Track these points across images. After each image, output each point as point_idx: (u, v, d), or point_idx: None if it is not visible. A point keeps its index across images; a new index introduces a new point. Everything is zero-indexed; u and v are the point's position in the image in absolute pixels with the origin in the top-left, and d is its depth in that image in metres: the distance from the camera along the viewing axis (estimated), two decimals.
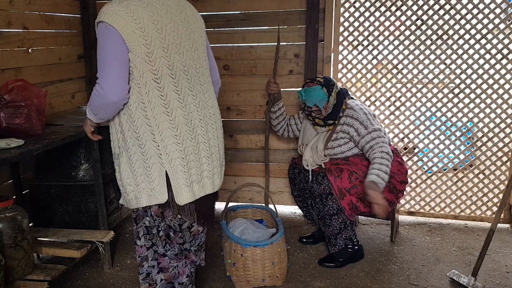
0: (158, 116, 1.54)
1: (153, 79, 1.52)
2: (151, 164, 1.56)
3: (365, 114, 2.51)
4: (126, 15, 1.46)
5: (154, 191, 1.58)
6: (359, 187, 2.45)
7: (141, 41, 1.49)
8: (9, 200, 2.10)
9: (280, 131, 2.91)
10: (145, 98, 1.53)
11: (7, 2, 2.52)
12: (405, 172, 2.62)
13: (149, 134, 1.54)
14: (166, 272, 1.72)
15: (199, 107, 1.64)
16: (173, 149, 1.56)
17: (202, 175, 1.65)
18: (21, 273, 2.11)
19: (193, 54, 1.64)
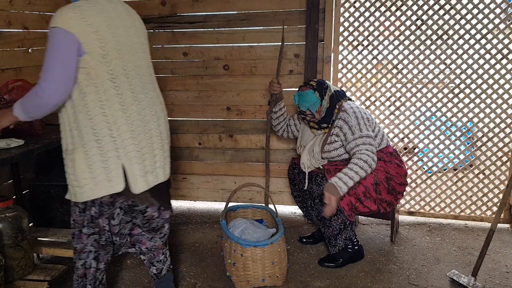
0: (115, 113, 1.65)
1: (109, 79, 1.63)
2: (108, 158, 1.66)
3: (357, 119, 2.49)
4: (81, 20, 1.55)
5: (111, 182, 1.69)
6: (358, 188, 2.45)
7: (97, 44, 1.58)
8: (9, 200, 2.10)
9: (280, 132, 2.91)
10: (102, 96, 1.63)
11: (7, 2, 2.52)
12: (404, 174, 2.62)
13: (107, 130, 1.65)
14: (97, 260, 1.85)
15: (151, 104, 1.79)
16: (129, 143, 1.69)
17: (155, 165, 1.80)
18: (21, 273, 2.12)
19: (142, 55, 1.78)
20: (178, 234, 3.05)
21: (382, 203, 2.53)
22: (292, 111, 3.08)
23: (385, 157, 2.57)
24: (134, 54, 1.73)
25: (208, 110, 3.33)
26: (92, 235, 1.80)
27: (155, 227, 1.94)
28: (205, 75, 3.26)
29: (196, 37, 3.20)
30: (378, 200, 2.50)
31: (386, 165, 2.55)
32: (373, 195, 2.48)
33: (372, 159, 2.41)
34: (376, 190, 2.48)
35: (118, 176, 1.68)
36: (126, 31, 1.70)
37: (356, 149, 2.44)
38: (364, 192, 2.46)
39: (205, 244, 2.89)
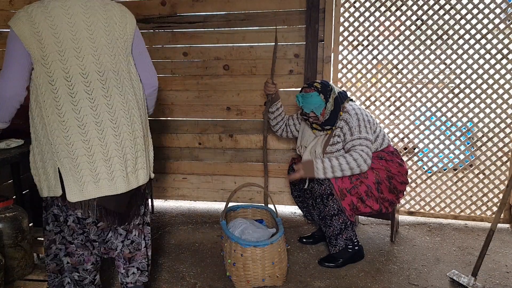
0: (51, 116, 1.63)
1: (48, 81, 1.61)
2: (47, 160, 1.68)
3: (358, 120, 2.48)
4: (26, 21, 1.58)
5: (51, 184, 1.69)
6: (360, 187, 2.45)
7: (37, 44, 1.59)
8: (9, 200, 2.10)
9: (279, 132, 2.91)
10: (41, 98, 1.63)
11: (7, 2, 2.52)
12: (405, 172, 2.62)
13: (45, 132, 1.65)
14: (72, 257, 1.84)
15: (96, 111, 1.66)
16: (63, 149, 1.64)
17: (98, 176, 1.68)
18: (21, 273, 2.12)
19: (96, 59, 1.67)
20: (178, 234, 3.05)
21: (384, 202, 2.53)
22: (292, 111, 3.08)
23: (387, 156, 2.57)
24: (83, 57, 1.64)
25: (208, 110, 3.33)
26: (59, 233, 1.81)
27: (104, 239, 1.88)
28: (205, 75, 3.26)
29: (196, 37, 3.20)
30: (380, 199, 2.50)
31: (387, 164, 2.55)
32: (375, 194, 2.48)
33: (363, 160, 2.40)
34: (378, 189, 2.49)
35: (56, 179, 1.67)
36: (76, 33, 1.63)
37: (351, 149, 2.45)
38: (366, 191, 2.46)
39: (205, 244, 2.89)
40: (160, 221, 3.28)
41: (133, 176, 1.78)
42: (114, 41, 1.71)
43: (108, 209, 1.74)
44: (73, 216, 1.78)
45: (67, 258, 1.84)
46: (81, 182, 1.65)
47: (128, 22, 1.77)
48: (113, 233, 1.89)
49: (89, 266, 1.87)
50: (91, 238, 1.83)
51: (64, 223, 1.79)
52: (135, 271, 1.97)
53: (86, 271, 1.86)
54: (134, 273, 1.97)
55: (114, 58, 1.71)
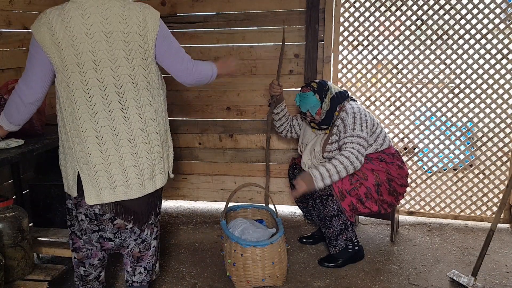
0: (71, 124, 1.68)
1: (68, 91, 1.64)
2: (68, 162, 1.75)
3: (354, 119, 2.47)
4: (48, 29, 1.57)
5: (69, 183, 1.78)
6: (359, 189, 2.45)
7: (58, 55, 1.60)
8: (9, 200, 2.10)
9: (283, 132, 2.91)
10: (62, 106, 1.68)
11: (7, 2, 2.52)
12: (405, 175, 2.61)
13: (66, 137, 1.71)
14: (79, 252, 1.89)
15: (113, 123, 1.68)
16: (82, 156, 1.69)
17: (114, 184, 1.73)
18: (21, 273, 2.12)
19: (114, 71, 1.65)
20: (178, 234, 3.05)
21: (383, 204, 2.53)
22: (293, 111, 3.08)
23: (387, 158, 2.56)
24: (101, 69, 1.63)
25: (208, 110, 3.33)
26: (70, 227, 1.87)
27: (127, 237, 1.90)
28: None
29: (196, 37, 3.20)
30: (379, 201, 2.50)
31: (388, 166, 2.54)
32: (375, 196, 2.48)
33: (355, 157, 2.38)
34: (378, 191, 2.48)
35: (74, 181, 1.74)
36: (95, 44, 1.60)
37: (344, 146, 2.44)
38: (365, 193, 2.46)
39: (205, 244, 2.89)
40: (160, 221, 3.27)
41: (150, 182, 1.82)
42: (133, 52, 1.68)
43: (126, 207, 1.80)
44: (83, 215, 1.81)
45: (74, 253, 1.89)
46: (98, 187, 1.72)
47: (150, 29, 1.70)
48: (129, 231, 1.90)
49: (96, 261, 1.90)
50: (107, 236, 1.85)
51: (75, 218, 1.84)
52: (141, 271, 2.00)
53: (92, 266, 1.89)
54: (140, 273, 2.00)
55: (132, 70, 1.69)
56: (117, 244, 1.90)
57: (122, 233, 1.88)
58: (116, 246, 1.92)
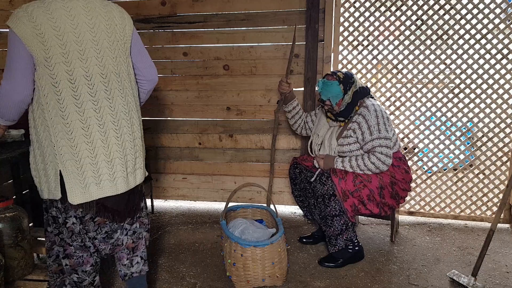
0: (54, 118, 1.62)
1: (51, 83, 1.60)
2: (48, 162, 1.67)
3: (377, 118, 2.46)
4: (28, 21, 1.54)
5: (51, 186, 1.69)
6: (362, 191, 2.45)
7: (40, 46, 1.56)
8: (9, 200, 2.10)
9: (298, 130, 2.90)
10: (43, 100, 1.61)
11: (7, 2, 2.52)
12: (409, 180, 2.62)
13: (47, 134, 1.64)
14: (71, 259, 1.83)
15: (99, 113, 1.67)
16: (67, 151, 1.64)
17: (100, 178, 1.70)
18: (21, 273, 2.12)
19: (99, 61, 1.67)
20: (178, 234, 3.05)
21: (384, 207, 2.53)
22: None
23: (394, 162, 2.56)
24: (86, 59, 1.64)
25: (208, 110, 3.33)
26: (58, 235, 1.81)
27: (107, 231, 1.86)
28: (205, 75, 3.26)
29: (196, 37, 3.20)
30: (381, 203, 2.50)
31: (394, 169, 2.54)
32: (377, 198, 2.48)
33: (383, 163, 2.42)
34: (381, 194, 2.48)
35: (56, 182, 1.67)
36: (80, 35, 1.62)
37: (371, 150, 2.45)
38: (368, 195, 2.45)
39: (205, 244, 2.89)
40: (160, 221, 3.28)
41: (132, 176, 1.80)
42: (115, 43, 1.71)
43: (106, 206, 1.76)
44: (73, 217, 1.77)
45: (66, 260, 1.83)
46: (83, 183, 1.67)
47: (127, 24, 1.76)
48: (120, 230, 1.90)
49: (88, 268, 1.86)
50: (91, 235, 1.83)
51: (63, 225, 1.78)
52: (139, 260, 1.99)
53: (85, 272, 1.86)
54: (138, 263, 1.99)
55: (115, 60, 1.71)
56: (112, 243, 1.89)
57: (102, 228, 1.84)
58: (112, 248, 1.90)
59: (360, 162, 2.44)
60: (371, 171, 2.44)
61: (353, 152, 2.53)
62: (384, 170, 2.44)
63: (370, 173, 2.46)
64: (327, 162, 2.54)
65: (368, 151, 2.47)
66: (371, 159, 2.42)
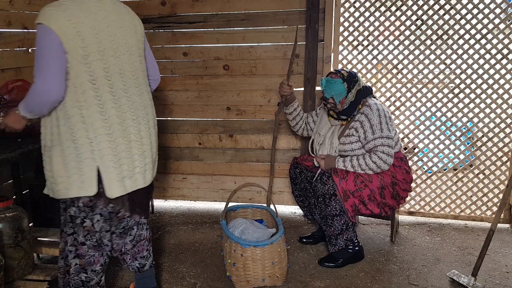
0: (92, 115, 1.65)
1: (88, 80, 1.62)
2: (83, 159, 1.66)
3: (379, 117, 2.46)
4: (64, 19, 1.55)
5: (84, 183, 1.68)
6: (363, 191, 2.45)
7: (79, 44, 1.58)
8: (9, 200, 2.10)
9: (299, 131, 2.89)
10: (80, 97, 1.63)
11: (7, 2, 2.52)
12: (410, 181, 2.62)
13: (84, 131, 1.65)
14: (82, 259, 1.83)
15: (132, 108, 1.76)
16: (105, 146, 1.67)
17: (134, 171, 1.78)
18: (21, 273, 2.12)
19: (128, 59, 1.76)
20: (178, 234, 3.05)
21: (385, 207, 2.53)
22: None
23: (396, 162, 2.55)
24: (119, 57, 1.71)
25: (208, 110, 3.33)
26: (72, 235, 1.80)
27: (125, 226, 1.91)
28: (205, 75, 3.26)
29: (196, 37, 3.20)
30: (381, 204, 2.50)
31: (395, 169, 2.53)
32: (378, 199, 2.47)
33: (384, 162, 2.42)
34: (381, 194, 2.48)
35: (92, 179, 1.67)
36: (112, 33, 1.68)
37: (373, 149, 2.45)
38: (369, 196, 2.45)
39: (205, 244, 2.89)
40: (160, 221, 3.28)
41: (154, 169, 1.93)
42: (138, 42, 1.82)
43: (134, 200, 1.83)
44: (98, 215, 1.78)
45: (76, 259, 1.83)
46: (120, 177, 1.72)
47: (140, 24, 1.87)
48: (137, 226, 1.96)
49: (98, 267, 1.87)
50: (112, 230, 1.87)
51: (79, 225, 1.78)
52: (151, 252, 2.10)
53: (94, 272, 1.87)
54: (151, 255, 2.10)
55: (139, 58, 1.83)
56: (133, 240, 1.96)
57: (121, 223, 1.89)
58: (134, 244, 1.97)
59: (361, 162, 2.44)
60: (372, 170, 2.44)
61: (354, 151, 2.53)
62: (386, 169, 2.44)
63: (371, 173, 2.45)
64: (328, 162, 2.54)
65: (370, 150, 2.46)
66: (373, 158, 2.42)
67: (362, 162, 2.44)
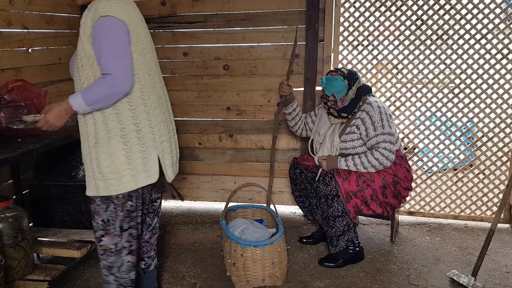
0: (152, 103, 1.74)
1: (147, 71, 1.72)
2: (146, 147, 1.71)
3: (380, 114, 2.47)
4: (125, 12, 1.63)
5: (148, 172, 1.72)
6: (365, 191, 2.44)
7: (139, 37, 1.70)
8: (9, 200, 2.10)
9: (298, 131, 2.89)
10: (143, 88, 1.70)
11: (7, 2, 2.52)
12: (411, 179, 2.62)
13: (147, 121, 1.71)
14: (134, 255, 1.84)
15: (161, 100, 1.85)
16: (162, 133, 1.78)
17: (173, 159, 1.88)
18: (21, 273, 2.12)
19: (152, 55, 1.86)
20: (178, 234, 3.05)
21: (387, 207, 2.53)
22: None
23: (396, 160, 2.55)
24: (150, 52, 1.81)
25: (208, 110, 3.33)
26: (127, 230, 1.78)
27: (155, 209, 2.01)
28: (205, 75, 3.26)
29: (196, 37, 3.20)
30: (384, 203, 2.50)
31: (396, 168, 2.53)
32: (380, 198, 2.47)
33: (386, 158, 2.42)
34: (384, 193, 2.48)
35: (154, 166, 1.72)
36: (144, 30, 1.78)
37: (375, 146, 2.45)
38: (371, 195, 2.45)
39: (205, 244, 2.89)
40: (160, 221, 3.27)
41: None
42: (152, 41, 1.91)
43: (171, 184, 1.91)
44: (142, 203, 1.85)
45: (128, 256, 1.81)
46: (170, 163, 1.83)
47: None
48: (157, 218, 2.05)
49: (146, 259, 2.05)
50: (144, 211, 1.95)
51: (136, 217, 1.80)
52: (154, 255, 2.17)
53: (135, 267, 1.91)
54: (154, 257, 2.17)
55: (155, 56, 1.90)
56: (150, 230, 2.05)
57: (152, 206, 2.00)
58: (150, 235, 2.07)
59: (363, 159, 2.44)
60: (375, 167, 2.43)
61: (356, 149, 2.53)
62: (388, 166, 2.44)
63: (373, 171, 2.45)
64: (330, 162, 2.54)
65: (372, 147, 2.46)
66: (375, 155, 2.42)
67: (364, 159, 2.44)
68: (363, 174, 2.46)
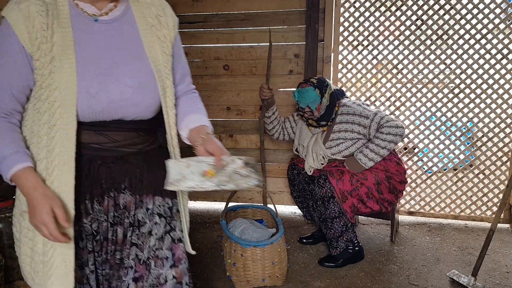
0: None
1: None
2: None
3: (359, 106, 2.53)
4: None
5: None
6: (360, 189, 2.45)
7: None
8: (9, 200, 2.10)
9: (275, 135, 2.88)
10: None
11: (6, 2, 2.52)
12: (403, 172, 2.62)
13: None
14: None
15: None
16: None
17: None
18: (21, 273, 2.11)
19: None
20: None
21: (384, 203, 2.53)
22: (293, 111, 3.08)
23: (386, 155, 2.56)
24: None
25: (208, 110, 3.25)
26: None
27: None
28: (205, 75, 3.26)
29: (196, 37, 3.20)
30: (380, 200, 2.50)
31: (386, 163, 2.54)
32: (376, 195, 2.48)
33: (396, 127, 2.41)
34: (378, 190, 2.48)
35: None
36: None
37: (379, 128, 2.44)
38: (366, 193, 2.46)
39: (205, 244, 2.89)
40: None
41: None
42: None
43: None
44: None
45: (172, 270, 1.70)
46: None
47: None
48: None
49: None
50: None
51: None
52: None
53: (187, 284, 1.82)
54: None
55: None
56: None
57: None
58: None
59: (378, 142, 2.43)
60: (393, 142, 2.42)
61: (342, 153, 2.54)
62: (402, 133, 2.43)
63: (393, 146, 2.44)
64: (353, 165, 2.50)
65: (377, 131, 2.46)
66: (384, 131, 2.42)
67: (379, 142, 2.43)
68: (356, 173, 2.47)
